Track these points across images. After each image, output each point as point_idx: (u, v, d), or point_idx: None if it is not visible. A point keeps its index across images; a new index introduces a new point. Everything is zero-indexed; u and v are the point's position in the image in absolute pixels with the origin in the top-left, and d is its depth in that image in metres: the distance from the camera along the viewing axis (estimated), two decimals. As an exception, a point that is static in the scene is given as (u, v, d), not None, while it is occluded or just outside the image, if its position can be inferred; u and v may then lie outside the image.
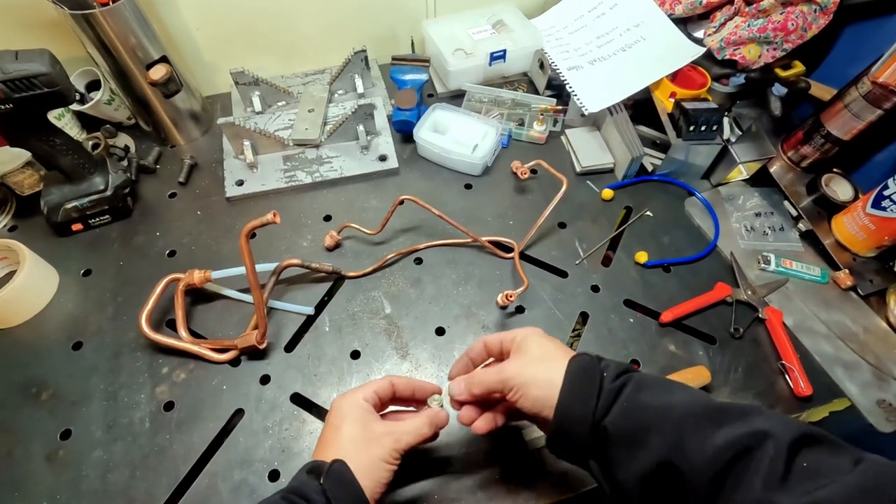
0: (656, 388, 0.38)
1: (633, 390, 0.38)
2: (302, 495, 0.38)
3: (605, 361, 0.41)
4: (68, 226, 0.71)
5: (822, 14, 0.70)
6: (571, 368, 0.40)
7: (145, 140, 0.83)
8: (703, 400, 0.37)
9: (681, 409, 0.36)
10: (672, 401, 0.37)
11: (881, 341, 0.64)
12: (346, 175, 0.77)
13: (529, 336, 0.45)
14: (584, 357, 0.41)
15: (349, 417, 0.44)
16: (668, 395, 0.37)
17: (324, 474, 0.39)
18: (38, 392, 0.59)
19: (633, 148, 0.74)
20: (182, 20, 0.80)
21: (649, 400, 0.37)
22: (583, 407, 0.38)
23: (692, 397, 0.37)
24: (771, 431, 0.32)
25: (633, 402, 0.37)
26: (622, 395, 0.38)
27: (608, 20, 0.87)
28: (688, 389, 0.39)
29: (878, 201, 0.64)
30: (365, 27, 0.90)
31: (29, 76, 0.55)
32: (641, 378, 0.39)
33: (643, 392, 0.38)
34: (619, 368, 0.40)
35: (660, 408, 0.36)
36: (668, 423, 0.35)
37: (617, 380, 0.39)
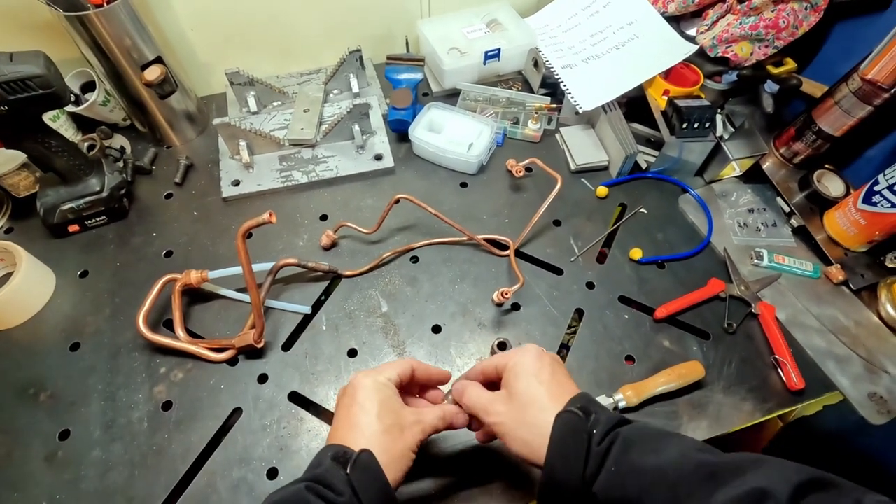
0: (645, 447, 0.36)
1: (621, 451, 0.36)
2: (327, 485, 0.37)
3: (594, 417, 0.38)
4: (65, 227, 0.71)
5: (813, 11, 0.71)
6: (557, 426, 0.38)
7: (141, 141, 0.84)
8: (694, 458, 0.34)
9: (673, 472, 0.34)
10: (662, 460, 0.35)
11: (872, 335, 0.64)
12: (341, 174, 0.78)
13: (520, 367, 0.42)
14: (571, 416, 0.38)
15: (378, 401, 0.42)
16: (657, 454, 0.35)
17: (350, 464, 0.38)
18: (36, 393, 0.59)
19: (626, 145, 0.75)
20: (177, 21, 0.80)
21: (639, 462, 0.35)
22: (571, 471, 0.36)
23: (683, 456, 0.35)
24: (769, 490, 0.31)
25: (622, 466, 0.35)
26: (609, 457, 0.36)
27: (602, 18, 0.88)
28: (679, 443, 0.36)
29: (869, 196, 0.65)
30: (360, 27, 0.90)
31: (23, 78, 0.55)
32: (629, 435, 0.37)
33: (632, 452, 0.35)
34: (609, 424, 0.38)
35: (650, 471, 0.34)
36: (660, 490, 0.34)
37: (604, 440, 0.37)
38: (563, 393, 0.41)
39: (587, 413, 0.38)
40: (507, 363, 0.44)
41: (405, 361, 0.47)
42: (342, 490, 0.36)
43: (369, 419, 0.41)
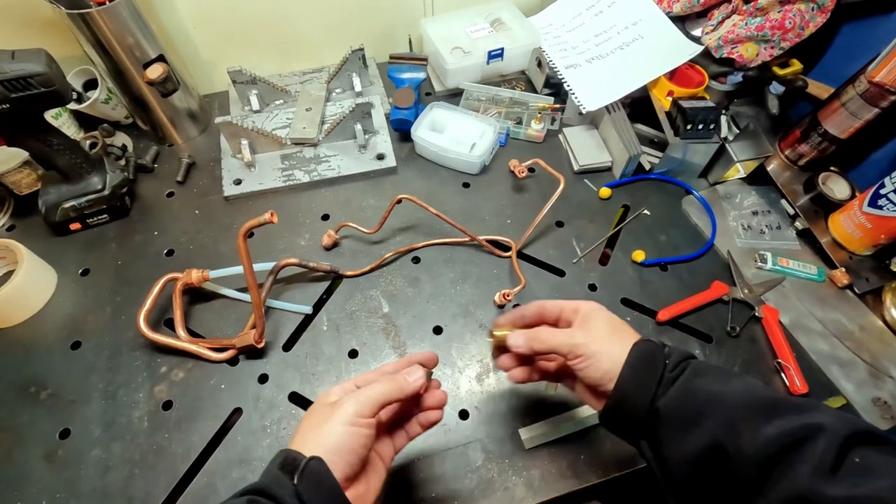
0: (713, 376, 0.38)
1: (690, 376, 0.39)
2: (272, 497, 0.35)
3: (668, 349, 0.41)
4: (66, 225, 0.71)
5: (820, 12, 0.70)
6: (635, 352, 0.40)
7: (143, 139, 0.83)
8: (759, 391, 0.37)
9: (735, 396, 0.36)
10: (727, 389, 0.37)
11: (877, 339, 0.64)
12: (343, 174, 0.78)
13: (596, 310, 0.44)
14: (650, 344, 0.41)
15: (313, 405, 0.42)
16: (724, 383, 0.37)
17: (297, 474, 0.35)
18: (36, 391, 0.59)
19: (630, 146, 0.74)
20: (179, 19, 0.80)
21: (705, 385, 0.38)
22: (642, 391, 0.39)
23: (748, 387, 0.37)
24: (826, 425, 0.32)
25: (689, 387, 0.38)
26: (679, 380, 0.39)
27: (606, 18, 0.87)
28: (745, 379, 0.38)
29: (875, 200, 0.65)
30: (363, 25, 0.90)
31: (25, 76, 0.55)
32: (699, 366, 0.40)
33: (700, 378, 0.38)
34: (681, 356, 0.41)
35: (715, 394, 0.37)
36: (721, 409, 0.36)
37: (676, 368, 0.40)
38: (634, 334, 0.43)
39: (664, 345, 0.42)
40: (579, 308, 0.45)
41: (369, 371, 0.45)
42: (289, 503, 0.34)
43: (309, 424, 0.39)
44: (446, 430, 0.57)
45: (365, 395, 0.39)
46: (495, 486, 0.53)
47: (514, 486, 0.53)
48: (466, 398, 0.59)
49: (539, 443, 0.55)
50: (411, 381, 0.42)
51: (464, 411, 0.58)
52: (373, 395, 0.39)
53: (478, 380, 0.60)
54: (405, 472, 0.54)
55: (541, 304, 0.47)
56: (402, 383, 0.42)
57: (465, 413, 0.58)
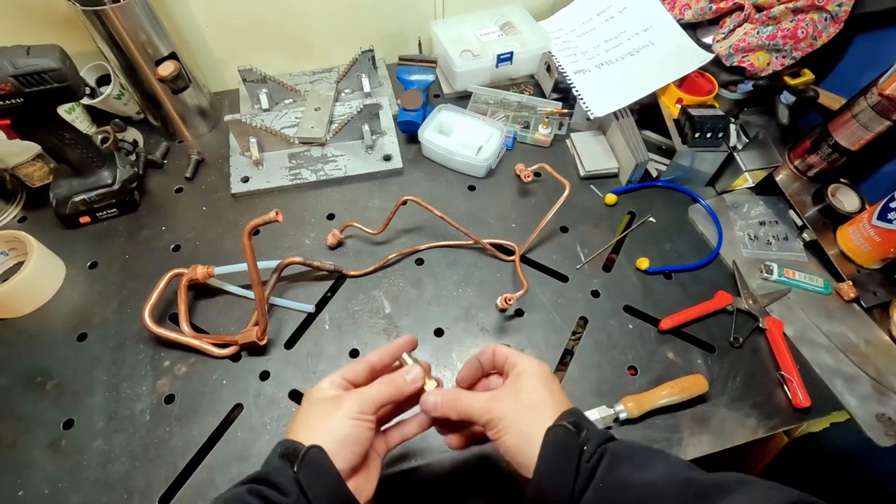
0: (633, 462, 0.36)
1: (608, 466, 0.36)
2: (273, 485, 0.35)
3: (585, 433, 0.38)
4: (76, 218, 0.72)
5: (833, 22, 0.70)
6: (549, 441, 0.37)
7: (153, 135, 0.84)
8: (681, 476, 0.35)
9: (660, 489, 0.34)
10: (649, 479, 0.35)
11: (883, 354, 0.63)
12: (350, 174, 0.78)
13: (529, 374, 0.41)
14: (562, 430, 0.37)
15: (315, 398, 0.41)
16: (644, 471, 0.35)
17: (298, 461, 0.36)
18: (42, 381, 0.60)
19: (637, 153, 0.74)
20: (192, 17, 0.81)
21: (627, 478, 0.35)
22: (560, 486, 0.36)
23: (670, 473, 0.35)
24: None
25: (610, 482, 0.35)
26: (598, 472, 0.36)
27: (617, 24, 0.87)
28: (665, 460, 0.37)
29: (885, 213, 0.64)
30: (373, 26, 0.90)
31: (40, 71, 0.56)
32: (616, 450, 0.37)
33: (619, 468, 0.36)
34: (599, 440, 0.38)
35: (639, 488, 0.34)
36: None
37: (593, 457, 0.37)
38: (559, 406, 0.40)
39: (578, 429, 0.38)
40: (516, 365, 0.42)
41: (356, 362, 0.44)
42: (289, 490, 0.35)
43: (306, 419, 0.40)
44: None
45: (367, 394, 0.41)
46: (497, 492, 0.53)
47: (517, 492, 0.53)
48: (465, 401, 0.59)
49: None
50: (409, 380, 0.43)
51: (462, 414, 0.58)
52: (374, 397, 0.41)
53: (477, 383, 0.60)
54: (403, 473, 0.54)
55: (493, 348, 0.45)
56: (401, 384, 0.42)
57: (463, 416, 0.58)
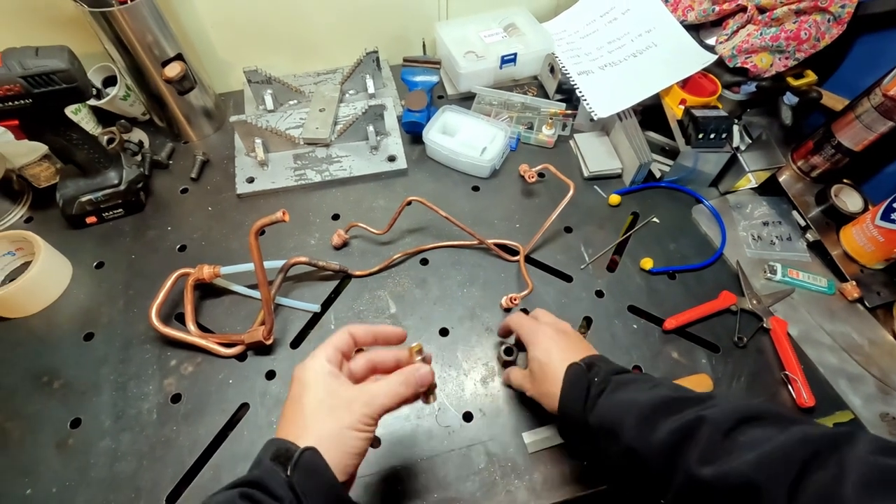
0: (629, 387, 0.44)
1: (610, 391, 0.44)
2: (266, 490, 0.34)
3: (596, 368, 0.47)
4: (82, 218, 0.72)
5: (836, 24, 0.70)
6: (567, 376, 0.47)
7: (159, 136, 0.85)
8: (661, 394, 0.42)
9: (643, 403, 0.41)
10: (640, 396, 0.42)
11: (887, 354, 0.63)
12: (355, 174, 0.78)
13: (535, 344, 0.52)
14: (577, 367, 0.48)
15: (311, 384, 0.39)
16: (638, 391, 0.43)
17: (292, 465, 0.34)
18: (49, 381, 0.60)
19: (641, 154, 0.74)
20: (198, 18, 0.81)
21: (623, 396, 0.43)
22: (575, 407, 0.46)
23: (653, 392, 0.43)
24: (713, 414, 0.38)
25: (608, 401, 0.44)
26: (602, 395, 0.45)
27: (620, 25, 0.87)
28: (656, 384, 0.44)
29: (888, 213, 0.64)
30: (377, 28, 0.91)
31: (48, 72, 0.56)
32: (622, 379, 0.45)
33: (619, 391, 0.44)
34: (609, 373, 0.46)
35: (628, 402, 0.42)
36: (632, 415, 0.41)
37: (602, 384, 0.45)
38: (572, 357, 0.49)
39: (590, 367, 0.47)
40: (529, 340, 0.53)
41: (340, 332, 0.43)
42: (282, 495, 0.33)
43: (300, 406, 0.38)
44: (450, 431, 0.57)
45: (380, 401, 0.39)
46: (497, 489, 0.53)
47: (517, 490, 0.53)
48: (471, 401, 0.59)
49: (542, 447, 0.56)
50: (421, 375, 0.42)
51: (468, 413, 0.58)
52: (386, 403, 0.39)
53: (483, 383, 0.61)
54: (407, 473, 0.54)
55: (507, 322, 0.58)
56: (414, 386, 0.41)
57: (469, 415, 0.58)
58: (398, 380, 0.41)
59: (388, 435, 0.57)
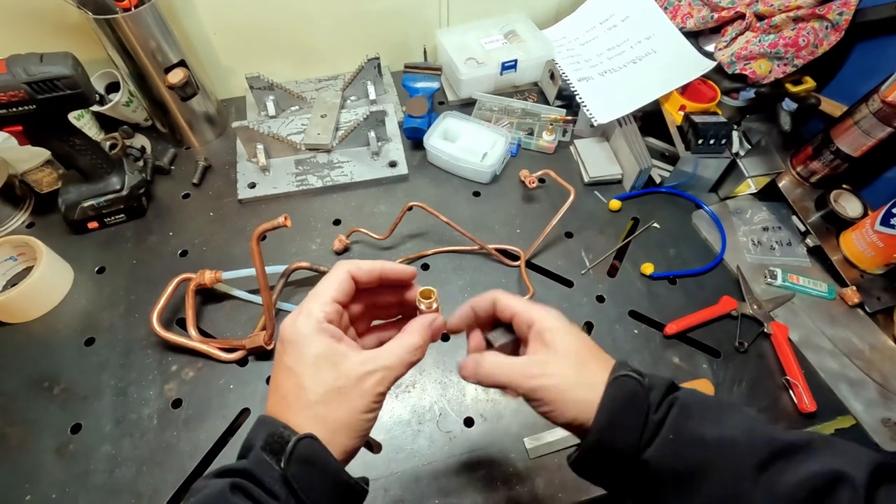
0: (705, 415, 0.32)
1: (680, 419, 0.32)
2: (257, 482, 0.29)
3: (648, 380, 0.34)
4: (84, 224, 0.72)
5: (834, 31, 0.70)
6: (613, 392, 0.33)
7: (161, 141, 0.85)
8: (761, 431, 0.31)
9: (740, 445, 0.31)
10: (726, 434, 0.31)
11: (888, 359, 0.63)
12: (356, 180, 0.79)
13: (556, 330, 0.35)
14: (629, 380, 0.33)
15: (309, 358, 0.32)
16: (719, 425, 0.32)
17: (285, 458, 0.29)
18: (50, 386, 0.60)
19: (641, 160, 0.75)
20: (200, 25, 0.82)
21: (700, 432, 0.31)
22: (624, 440, 0.32)
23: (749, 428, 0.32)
24: (845, 471, 0.29)
25: (682, 435, 0.31)
26: (666, 424, 0.32)
27: (619, 32, 0.88)
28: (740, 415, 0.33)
29: (887, 219, 0.64)
30: (379, 35, 0.91)
31: (52, 78, 0.57)
32: (687, 401, 0.33)
33: (691, 420, 0.32)
34: (664, 390, 0.34)
35: (714, 443, 0.31)
36: (723, 461, 0.30)
37: (660, 406, 0.33)
38: (602, 363, 0.35)
39: (641, 376, 0.33)
40: (534, 322, 0.36)
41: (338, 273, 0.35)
42: (277, 492, 0.29)
43: (300, 387, 0.32)
44: (451, 437, 0.57)
45: (395, 375, 0.33)
46: (499, 494, 0.53)
47: (518, 495, 0.53)
48: (472, 406, 0.59)
49: (544, 452, 0.55)
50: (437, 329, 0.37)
51: (469, 419, 0.58)
52: (401, 374, 0.34)
53: (483, 388, 0.60)
54: (409, 479, 0.54)
55: (493, 298, 0.38)
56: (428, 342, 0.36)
57: (470, 421, 0.58)
58: (413, 342, 0.34)
59: (388, 441, 0.57)
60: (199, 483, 0.31)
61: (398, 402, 0.60)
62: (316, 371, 0.32)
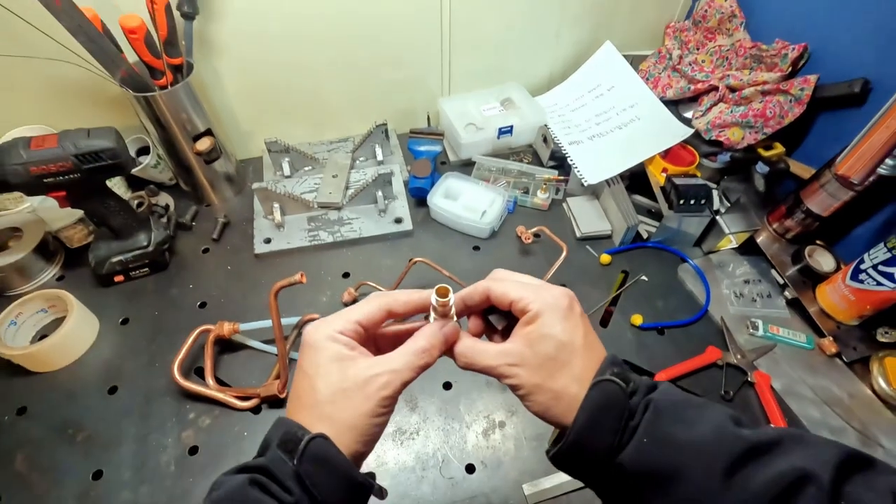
0: (678, 416, 0.33)
1: (652, 420, 0.32)
2: (274, 478, 0.31)
3: (631, 385, 0.34)
4: (111, 277, 0.77)
5: (797, 104, 0.78)
6: (595, 396, 0.33)
7: (183, 199, 0.92)
8: (730, 433, 0.32)
9: (709, 448, 0.31)
10: (696, 436, 0.32)
11: (866, 407, 0.67)
12: (364, 235, 0.85)
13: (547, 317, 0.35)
14: (611, 385, 0.33)
15: (321, 361, 0.34)
16: (690, 426, 0.32)
17: (298, 455, 0.31)
18: (74, 433, 0.64)
19: (628, 217, 0.81)
20: (226, 96, 0.90)
21: (672, 434, 0.32)
22: (601, 442, 0.33)
23: (719, 430, 0.32)
24: (810, 470, 0.29)
25: (655, 437, 0.32)
26: (640, 427, 0.32)
27: (606, 100, 0.97)
28: (713, 414, 0.33)
29: (856, 274, 0.69)
30: (386, 102, 1.00)
31: (97, 151, 0.64)
32: (660, 402, 0.33)
33: (663, 422, 0.32)
34: (644, 391, 0.34)
35: (685, 446, 0.32)
36: (694, 463, 0.31)
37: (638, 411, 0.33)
38: (592, 357, 0.35)
39: (626, 381, 0.34)
40: (528, 306, 0.35)
41: (372, 304, 0.37)
42: (290, 487, 0.31)
43: (311, 388, 0.34)
44: (453, 483, 0.60)
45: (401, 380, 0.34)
46: None
47: (518, 541, 0.56)
48: (473, 452, 0.62)
49: (542, 499, 0.58)
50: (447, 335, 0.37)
51: (470, 465, 0.61)
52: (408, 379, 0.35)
53: (484, 435, 0.64)
54: None
55: (485, 289, 0.38)
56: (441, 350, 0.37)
57: (471, 467, 0.61)
58: (419, 346, 0.35)
59: (394, 486, 0.59)
60: (221, 479, 0.33)
61: (402, 448, 0.63)
62: (326, 373, 0.34)
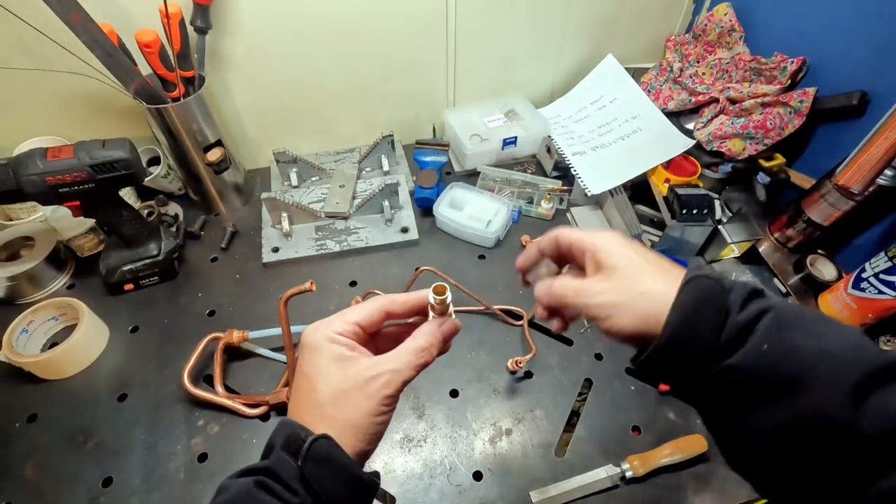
0: (805, 327, 0.31)
1: (774, 327, 0.30)
2: (278, 480, 0.31)
3: (728, 283, 0.33)
4: (121, 286, 0.78)
5: (797, 116, 0.80)
6: (690, 292, 0.32)
7: (192, 208, 0.93)
8: (871, 350, 0.30)
9: (847, 358, 0.29)
10: (828, 347, 0.30)
11: (870, 415, 0.67)
12: (370, 244, 0.86)
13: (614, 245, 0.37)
14: (706, 281, 0.32)
15: (321, 362, 0.34)
16: (818, 337, 0.30)
17: (302, 456, 0.31)
18: (84, 440, 0.64)
19: (631, 227, 0.82)
20: (236, 108, 0.92)
21: (799, 342, 0.30)
22: (700, 340, 0.31)
23: (857, 344, 0.30)
24: None
25: (777, 343, 0.30)
26: (757, 331, 0.31)
27: (608, 112, 0.98)
28: (845, 329, 0.31)
29: (857, 283, 0.70)
30: (393, 114, 1.02)
31: (111, 161, 0.65)
32: (783, 311, 0.31)
33: (787, 331, 0.30)
34: (744, 293, 0.32)
35: (815, 355, 0.29)
36: (827, 373, 0.29)
37: (745, 309, 0.31)
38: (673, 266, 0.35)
39: (721, 281, 0.33)
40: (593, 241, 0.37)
41: (371, 306, 0.38)
42: (295, 488, 0.31)
43: (312, 389, 0.34)
44: (460, 490, 0.60)
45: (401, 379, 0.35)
46: None
47: (525, 548, 0.56)
48: (480, 460, 0.63)
49: (549, 506, 0.59)
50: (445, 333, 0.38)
51: (477, 472, 0.62)
52: (408, 378, 0.35)
53: (491, 442, 0.64)
54: None
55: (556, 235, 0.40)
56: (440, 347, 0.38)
57: (478, 474, 0.62)
58: (419, 345, 0.36)
59: (402, 494, 0.60)
60: (226, 482, 0.33)
61: (410, 455, 0.63)
62: (326, 374, 0.34)
